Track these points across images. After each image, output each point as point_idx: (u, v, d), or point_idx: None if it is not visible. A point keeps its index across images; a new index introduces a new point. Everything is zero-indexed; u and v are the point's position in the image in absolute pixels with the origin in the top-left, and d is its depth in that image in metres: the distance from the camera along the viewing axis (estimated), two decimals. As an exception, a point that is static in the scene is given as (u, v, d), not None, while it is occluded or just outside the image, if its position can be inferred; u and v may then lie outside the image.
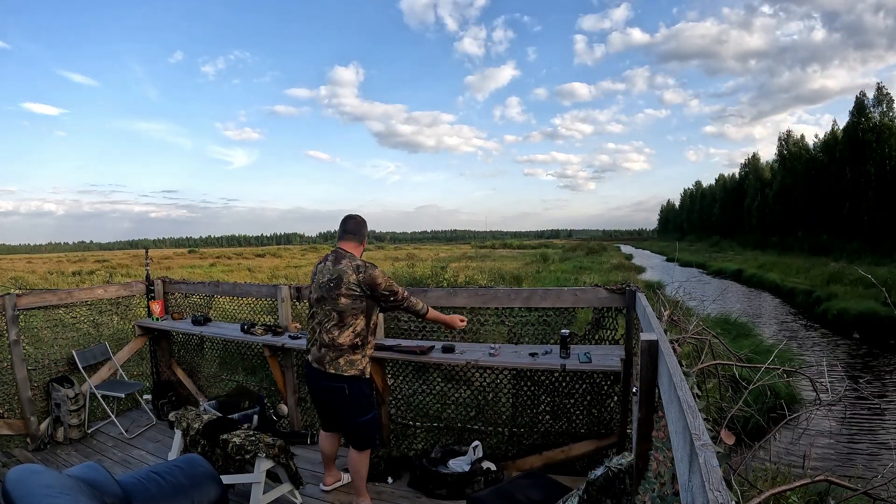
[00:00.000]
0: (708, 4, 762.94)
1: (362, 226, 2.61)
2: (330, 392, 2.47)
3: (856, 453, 5.34)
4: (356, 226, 2.59)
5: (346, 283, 2.39)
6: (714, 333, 2.85)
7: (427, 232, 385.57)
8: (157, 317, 4.37)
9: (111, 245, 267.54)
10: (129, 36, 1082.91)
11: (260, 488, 2.48)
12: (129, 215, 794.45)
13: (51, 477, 1.51)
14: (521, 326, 3.21)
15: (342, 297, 2.39)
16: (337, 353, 2.40)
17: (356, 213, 2.64)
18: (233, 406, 3.30)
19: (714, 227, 60.44)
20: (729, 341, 4.70)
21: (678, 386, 1.12)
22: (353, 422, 2.50)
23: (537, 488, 2.46)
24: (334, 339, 2.40)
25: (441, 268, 13.15)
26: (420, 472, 2.90)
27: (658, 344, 1.51)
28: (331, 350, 2.41)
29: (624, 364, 2.54)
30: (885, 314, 11.59)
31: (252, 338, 3.60)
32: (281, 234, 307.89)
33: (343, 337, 2.41)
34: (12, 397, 3.60)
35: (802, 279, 19.39)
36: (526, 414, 3.18)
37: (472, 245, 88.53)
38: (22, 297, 3.70)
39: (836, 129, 35.70)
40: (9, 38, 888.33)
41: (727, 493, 0.68)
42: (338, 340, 2.40)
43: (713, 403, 2.64)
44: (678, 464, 1.04)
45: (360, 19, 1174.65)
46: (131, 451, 3.49)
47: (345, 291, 2.39)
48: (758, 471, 3.18)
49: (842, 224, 31.99)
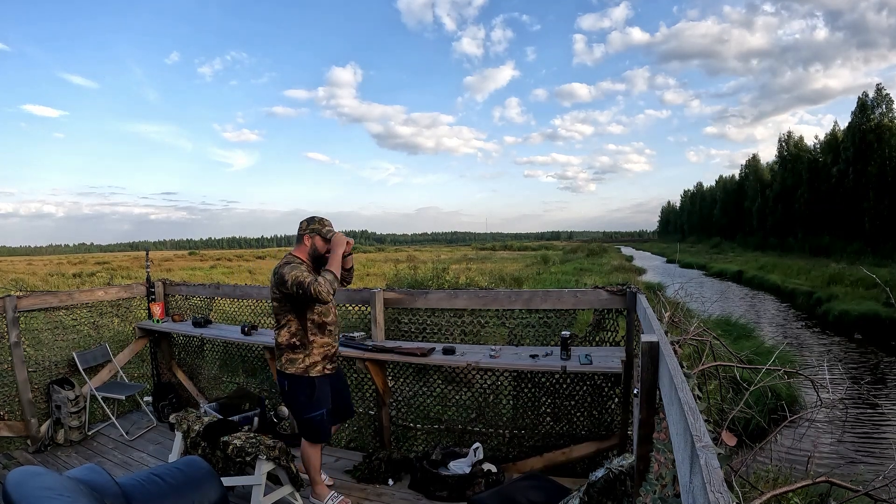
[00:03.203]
0: (709, 3, 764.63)
1: (302, 227, 2.60)
2: (279, 386, 2.67)
3: (857, 454, 5.32)
4: (298, 229, 2.63)
5: (271, 287, 2.55)
6: (715, 335, 2.85)
7: (427, 234, 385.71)
8: (157, 319, 4.37)
9: (111, 247, 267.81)
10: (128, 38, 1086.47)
11: (260, 490, 2.48)
12: (129, 217, 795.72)
13: (51, 479, 1.51)
14: (521, 328, 3.21)
15: (272, 300, 2.56)
16: (279, 351, 2.58)
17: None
18: (233, 408, 3.29)
19: (715, 229, 60.39)
20: (730, 343, 4.70)
21: (679, 387, 1.12)
22: (299, 416, 2.65)
23: (538, 490, 2.46)
24: (276, 338, 2.59)
25: (442, 269, 13.14)
26: (421, 474, 2.89)
27: (659, 345, 1.51)
28: (276, 348, 2.60)
29: (625, 366, 2.54)
30: (886, 315, 11.58)
31: (253, 339, 3.60)
32: (281, 235, 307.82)
33: (280, 336, 2.56)
34: (13, 399, 3.60)
35: (803, 280, 19.37)
36: (527, 416, 3.17)
37: (473, 247, 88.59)
38: (23, 299, 3.70)
39: (836, 129, 35.70)
40: (9, 41, 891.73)
41: (728, 495, 0.68)
42: (278, 339, 2.58)
43: (714, 405, 2.64)
44: (679, 465, 1.04)
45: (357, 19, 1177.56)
46: (132, 452, 3.49)
47: (271, 294, 2.56)
48: (759, 472, 3.17)
49: (842, 225, 31.97)
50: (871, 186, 29.75)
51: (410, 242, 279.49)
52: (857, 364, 9.08)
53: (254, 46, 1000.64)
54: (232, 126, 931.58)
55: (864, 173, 30.42)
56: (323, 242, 2.57)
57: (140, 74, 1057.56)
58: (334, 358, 2.70)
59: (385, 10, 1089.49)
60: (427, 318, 3.43)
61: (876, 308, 12.22)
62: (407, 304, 3.42)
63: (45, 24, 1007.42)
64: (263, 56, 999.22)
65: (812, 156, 38.09)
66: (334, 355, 2.69)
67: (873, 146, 30.04)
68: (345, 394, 2.88)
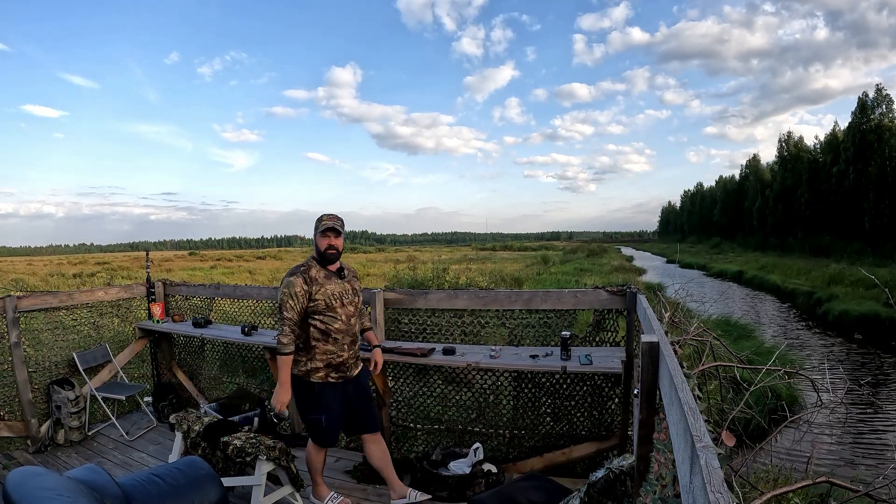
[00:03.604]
0: (709, 3, 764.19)
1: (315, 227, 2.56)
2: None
3: (857, 454, 5.32)
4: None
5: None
6: (715, 335, 2.85)
7: (427, 234, 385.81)
8: (157, 319, 4.37)
9: (111, 247, 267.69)
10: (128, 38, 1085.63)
11: (260, 490, 2.48)
12: (129, 217, 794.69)
13: (51, 479, 1.51)
14: (521, 328, 3.21)
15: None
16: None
17: (339, 214, 2.61)
18: (233, 408, 3.29)
19: (715, 229, 60.36)
20: (730, 343, 4.70)
21: (679, 387, 1.12)
22: (302, 416, 2.65)
23: (538, 490, 2.46)
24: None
25: (442, 270, 13.15)
26: (421, 474, 2.89)
27: (659, 345, 1.51)
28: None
29: (625, 366, 2.54)
30: (886, 315, 11.58)
31: (253, 339, 3.60)
32: (281, 236, 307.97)
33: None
34: (13, 399, 3.60)
35: (803, 280, 19.37)
36: (527, 416, 3.17)
37: (473, 247, 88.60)
38: (23, 299, 3.70)
39: (836, 129, 35.70)
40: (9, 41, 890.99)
41: (728, 495, 0.68)
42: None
43: (714, 405, 2.64)
44: (679, 465, 1.04)
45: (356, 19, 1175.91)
46: (132, 453, 3.49)
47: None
48: (759, 472, 3.17)
49: (842, 225, 31.97)
50: (871, 186, 29.75)
51: (410, 243, 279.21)
52: (858, 364, 9.08)
53: (253, 46, 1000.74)
54: (232, 126, 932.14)
55: (864, 173, 30.42)
56: (320, 238, 2.52)
57: (140, 74, 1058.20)
58: (342, 367, 2.55)
59: (385, 10, 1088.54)
60: (427, 319, 3.43)
61: (876, 308, 12.22)
62: (407, 305, 3.42)
63: (44, 24, 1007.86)
64: (263, 56, 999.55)
65: (812, 156, 38.09)
66: (342, 365, 2.55)
67: (873, 146, 30.04)
68: (362, 408, 2.68)
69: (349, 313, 2.56)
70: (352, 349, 2.60)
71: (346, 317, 2.54)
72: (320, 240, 2.51)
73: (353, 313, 2.59)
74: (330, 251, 2.51)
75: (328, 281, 2.51)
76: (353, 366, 2.64)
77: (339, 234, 2.53)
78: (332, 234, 2.51)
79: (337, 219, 2.56)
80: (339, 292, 2.53)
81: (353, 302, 2.59)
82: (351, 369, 2.62)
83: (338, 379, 2.55)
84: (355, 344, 2.63)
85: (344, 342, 2.54)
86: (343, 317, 2.52)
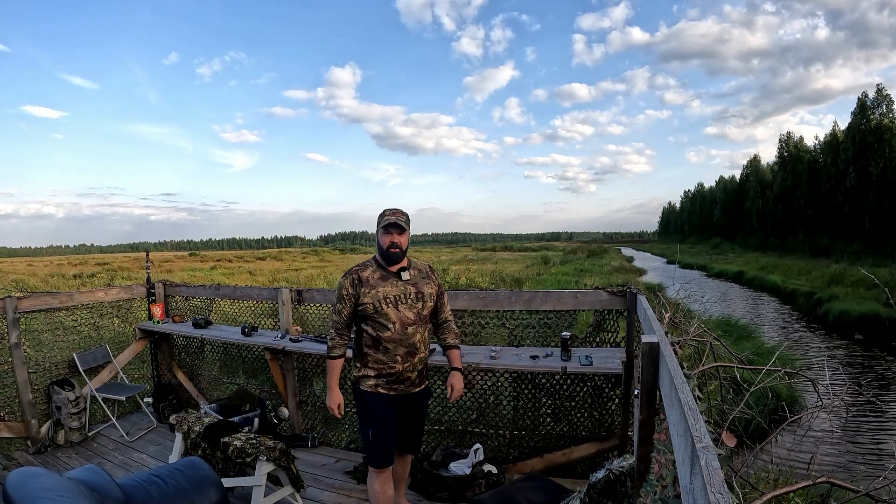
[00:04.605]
0: (709, 2, 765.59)
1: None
2: None
3: (858, 455, 5.32)
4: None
5: None
6: (715, 335, 2.85)
7: (427, 235, 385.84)
8: (157, 320, 4.37)
9: (111, 248, 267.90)
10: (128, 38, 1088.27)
11: (261, 491, 2.48)
12: (129, 218, 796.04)
13: (51, 479, 1.51)
14: (522, 329, 3.21)
15: None
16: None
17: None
18: (234, 409, 3.29)
19: (715, 229, 60.38)
20: (730, 343, 4.70)
21: (679, 388, 1.12)
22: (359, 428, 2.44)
23: (538, 491, 2.46)
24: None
25: (442, 270, 13.15)
26: (421, 475, 2.89)
27: (659, 346, 1.51)
28: None
29: (625, 366, 2.54)
30: (886, 315, 11.58)
31: (253, 340, 3.60)
32: (281, 236, 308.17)
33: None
34: (13, 400, 3.60)
35: (803, 281, 19.37)
36: (527, 416, 3.17)
37: (473, 248, 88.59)
38: (23, 300, 3.70)
39: (836, 130, 35.71)
40: (9, 41, 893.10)
41: (728, 496, 0.68)
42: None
43: (714, 405, 2.64)
44: (679, 466, 1.04)
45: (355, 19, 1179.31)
46: (132, 454, 3.49)
47: None
48: (759, 473, 3.17)
49: (842, 226, 31.98)
50: (871, 187, 29.78)
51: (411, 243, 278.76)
52: (858, 365, 9.08)
53: (253, 46, 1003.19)
54: (231, 127, 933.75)
55: (864, 174, 30.44)
56: (382, 235, 2.25)
57: (140, 75, 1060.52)
58: (397, 381, 2.26)
59: (384, 10, 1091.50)
60: (427, 319, 3.42)
61: (876, 308, 12.22)
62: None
63: (45, 24, 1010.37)
64: (262, 56, 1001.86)
65: (812, 156, 38.11)
66: (398, 378, 2.26)
67: (873, 146, 30.06)
68: (411, 426, 2.42)
69: (406, 320, 2.22)
70: (408, 361, 2.25)
71: (400, 324, 2.21)
72: (382, 237, 2.23)
73: (415, 321, 2.25)
74: (393, 250, 2.22)
75: (383, 283, 2.23)
76: (414, 382, 2.32)
77: (402, 231, 2.24)
78: (396, 230, 2.22)
79: (401, 214, 2.26)
80: (396, 295, 2.22)
81: (414, 307, 2.25)
82: (411, 385, 2.31)
83: (389, 391, 2.27)
84: (413, 356, 2.27)
85: (396, 353, 2.22)
86: (397, 324, 2.21)
